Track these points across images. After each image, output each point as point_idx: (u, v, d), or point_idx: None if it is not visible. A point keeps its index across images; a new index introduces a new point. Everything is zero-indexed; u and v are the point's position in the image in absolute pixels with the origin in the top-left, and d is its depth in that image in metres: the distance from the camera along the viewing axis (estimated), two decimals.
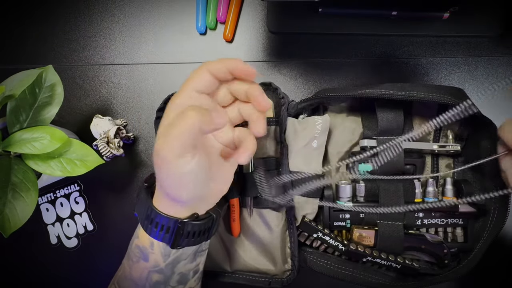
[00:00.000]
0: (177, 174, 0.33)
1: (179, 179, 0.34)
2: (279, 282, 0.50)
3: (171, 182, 0.34)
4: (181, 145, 0.32)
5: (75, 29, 0.59)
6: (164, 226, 0.36)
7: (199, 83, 0.37)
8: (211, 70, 0.37)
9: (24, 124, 0.47)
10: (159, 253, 0.37)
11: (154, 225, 0.36)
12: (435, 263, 0.48)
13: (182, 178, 0.33)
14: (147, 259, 0.38)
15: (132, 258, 0.39)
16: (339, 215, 0.48)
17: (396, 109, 0.46)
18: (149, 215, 0.37)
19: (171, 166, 0.33)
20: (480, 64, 0.53)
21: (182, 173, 0.33)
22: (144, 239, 0.38)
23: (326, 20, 0.54)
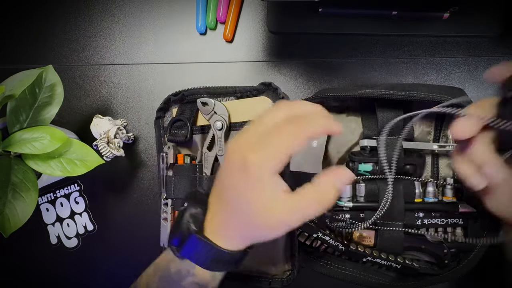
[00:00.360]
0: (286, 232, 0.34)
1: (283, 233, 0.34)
2: (279, 282, 0.50)
3: (272, 237, 0.34)
4: (310, 218, 0.32)
5: (75, 29, 0.59)
6: (232, 260, 0.37)
7: (297, 149, 0.33)
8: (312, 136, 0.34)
9: (24, 124, 0.47)
10: (218, 279, 0.39)
11: (222, 262, 0.37)
12: (435, 263, 0.48)
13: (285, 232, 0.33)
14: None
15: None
16: (339, 215, 0.48)
17: (396, 109, 0.46)
18: (217, 258, 0.36)
19: (290, 229, 0.33)
20: (480, 64, 0.53)
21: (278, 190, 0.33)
22: (206, 275, 0.37)
23: (326, 20, 0.54)
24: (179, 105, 0.54)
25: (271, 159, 0.32)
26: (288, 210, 0.32)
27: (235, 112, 0.52)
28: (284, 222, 0.33)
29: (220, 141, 0.51)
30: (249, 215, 0.33)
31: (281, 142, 0.32)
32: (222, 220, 0.36)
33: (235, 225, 0.35)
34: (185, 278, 0.38)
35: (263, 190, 0.32)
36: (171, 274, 0.39)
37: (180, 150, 0.55)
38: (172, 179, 0.52)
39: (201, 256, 0.36)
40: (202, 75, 0.57)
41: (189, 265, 0.37)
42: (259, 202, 0.32)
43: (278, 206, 0.32)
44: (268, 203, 0.32)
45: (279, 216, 0.33)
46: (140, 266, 0.43)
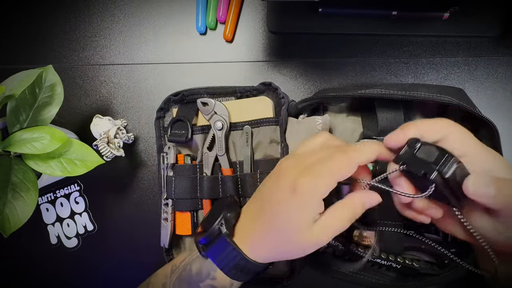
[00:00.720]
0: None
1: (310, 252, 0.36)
2: (280, 282, 0.50)
3: (298, 256, 0.36)
4: (338, 233, 0.35)
5: (75, 29, 0.59)
6: (254, 271, 0.38)
7: (345, 176, 0.35)
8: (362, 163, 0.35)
9: (24, 124, 0.47)
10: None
11: (245, 272, 0.37)
12: (435, 263, 0.48)
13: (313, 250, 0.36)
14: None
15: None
16: None
17: (396, 109, 0.46)
18: (242, 265, 0.37)
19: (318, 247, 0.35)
20: (480, 64, 0.53)
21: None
22: (225, 281, 0.38)
23: (326, 20, 0.54)
24: (179, 105, 0.54)
25: (321, 186, 0.34)
26: (322, 231, 0.34)
27: (235, 112, 0.52)
28: (317, 241, 0.35)
29: (221, 141, 0.51)
30: (286, 232, 0.35)
31: (330, 170, 0.34)
32: (256, 231, 0.37)
33: (268, 239, 0.36)
34: (205, 280, 0.39)
35: (307, 212, 0.34)
36: (192, 274, 0.39)
37: (180, 150, 0.55)
38: (172, 179, 0.52)
39: (225, 260, 0.37)
40: (202, 75, 0.57)
41: (210, 268, 0.38)
42: (299, 223, 0.34)
43: (315, 227, 0.34)
44: (307, 225, 0.34)
45: (314, 236, 0.34)
46: (140, 266, 0.43)
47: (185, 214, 0.52)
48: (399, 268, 0.47)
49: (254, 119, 0.51)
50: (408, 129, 0.34)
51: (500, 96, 0.53)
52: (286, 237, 0.35)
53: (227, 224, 0.38)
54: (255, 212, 0.38)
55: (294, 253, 0.36)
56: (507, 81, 0.53)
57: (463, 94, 0.46)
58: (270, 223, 0.36)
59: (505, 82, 0.53)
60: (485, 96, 0.53)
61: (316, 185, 0.34)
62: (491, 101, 0.53)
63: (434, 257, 0.47)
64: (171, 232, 0.53)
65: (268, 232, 0.36)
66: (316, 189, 0.34)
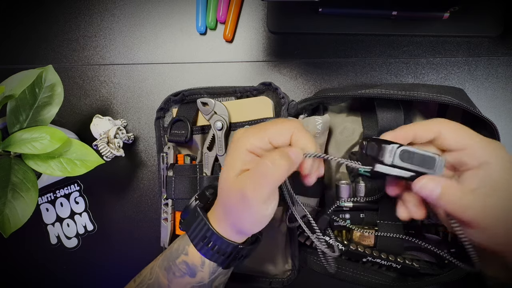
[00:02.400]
0: (260, 216, 0.36)
1: (259, 220, 0.36)
2: (280, 282, 0.50)
3: (250, 222, 0.36)
4: (271, 192, 0.34)
5: (75, 29, 0.59)
6: (222, 250, 0.38)
7: (277, 137, 0.36)
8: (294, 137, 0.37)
9: (24, 124, 0.47)
10: (207, 271, 0.39)
11: (211, 247, 0.38)
12: (435, 263, 0.48)
13: (262, 219, 0.36)
14: (194, 276, 0.39)
15: (175, 273, 0.39)
16: (339, 215, 0.48)
17: (396, 108, 0.46)
18: (208, 238, 0.38)
19: (257, 209, 0.35)
20: (480, 64, 0.53)
21: (265, 215, 0.36)
22: (196, 257, 0.38)
23: (326, 20, 0.54)
24: (179, 105, 0.54)
25: (250, 135, 0.36)
26: (243, 180, 0.35)
27: (235, 112, 0.52)
28: (240, 191, 0.35)
29: (220, 141, 0.51)
30: (226, 187, 0.36)
31: (265, 128, 0.36)
32: (216, 203, 0.39)
33: (219, 204, 0.38)
34: (180, 256, 0.39)
35: (233, 158, 0.36)
36: (172, 251, 0.40)
37: (180, 150, 0.55)
38: (172, 179, 0.52)
39: (195, 231, 0.38)
40: (202, 75, 0.57)
41: (186, 242, 0.39)
42: (228, 169, 0.36)
43: (238, 178, 0.35)
44: (233, 174, 0.36)
45: (236, 185, 0.35)
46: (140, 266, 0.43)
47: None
48: (399, 268, 0.47)
49: (254, 119, 0.51)
50: (399, 131, 0.37)
51: (500, 96, 0.53)
52: (227, 189, 0.36)
53: (202, 198, 0.41)
54: (220, 203, 0.39)
55: (241, 212, 0.35)
56: (507, 81, 0.53)
57: (463, 94, 0.46)
58: (229, 214, 0.37)
59: (505, 82, 0.53)
60: (485, 96, 0.53)
61: (245, 133, 0.36)
62: (491, 101, 0.53)
63: (434, 257, 0.47)
64: (171, 232, 0.53)
65: (219, 194, 0.38)
66: (244, 137, 0.36)
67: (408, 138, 0.37)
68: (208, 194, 0.42)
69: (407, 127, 0.37)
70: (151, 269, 0.41)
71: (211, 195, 0.42)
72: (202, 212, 0.39)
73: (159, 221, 0.54)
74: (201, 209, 0.39)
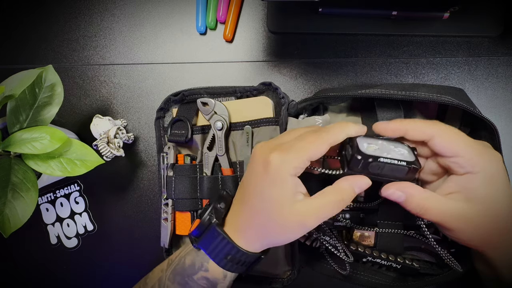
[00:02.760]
0: (301, 235, 0.37)
1: (298, 237, 0.37)
2: (280, 282, 0.50)
3: (289, 240, 0.37)
4: (327, 218, 0.36)
5: (75, 29, 0.59)
6: (246, 262, 0.38)
7: (318, 155, 0.36)
8: (332, 143, 0.37)
9: (24, 124, 0.47)
10: (228, 281, 0.39)
11: (235, 262, 0.38)
12: (435, 263, 0.48)
13: (301, 235, 0.37)
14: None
15: (193, 287, 0.39)
16: (339, 215, 0.48)
17: (397, 109, 0.46)
18: (232, 255, 0.37)
19: (305, 232, 0.36)
20: (480, 64, 0.53)
21: (304, 233, 0.36)
22: (217, 272, 0.39)
23: (326, 20, 0.54)
24: (179, 105, 0.54)
25: (291, 160, 0.34)
26: (306, 210, 0.34)
27: (235, 112, 0.52)
28: (301, 222, 0.35)
29: (221, 141, 0.51)
30: (267, 212, 0.35)
31: (301, 146, 0.35)
32: (242, 219, 0.38)
33: (253, 222, 0.37)
34: (198, 272, 0.39)
35: (282, 187, 0.34)
36: (185, 267, 0.40)
37: (180, 150, 0.55)
38: (172, 179, 0.52)
39: (216, 249, 0.38)
40: (202, 75, 0.57)
41: (203, 259, 0.39)
42: (277, 199, 0.35)
43: (297, 206, 0.34)
44: (287, 201, 0.34)
45: (296, 215, 0.34)
46: (140, 266, 0.43)
47: (185, 214, 0.52)
48: (399, 268, 0.47)
49: (254, 119, 0.51)
50: (393, 123, 0.37)
51: (500, 96, 0.53)
52: (268, 215, 0.35)
53: (216, 214, 0.39)
54: (240, 199, 0.39)
55: (281, 235, 0.36)
56: (507, 81, 0.53)
57: (463, 94, 0.46)
58: (251, 205, 0.37)
59: (505, 82, 0.53)
60: (485, 96, 0.53)
61: (285, 159, 0.34)
62: (491, 101, 0.53)
63: (434, 257, 0.47)
64: (171, 232, 0.53)
65: (251, 215, 0.37)
66: (286, 163, 0.34)
67: (399, 133, 0.38)
68: (221, 209, 0.40)
69: (401, 123, 0.38)
70: (159, 280, 0.41)
71: (224, 209, 0.40)
72: (223, 231, 0.38)
73: (159, 221, 0.54)
74: (220, 227, 0.38)
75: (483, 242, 0.36)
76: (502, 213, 0.34)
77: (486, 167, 0.34)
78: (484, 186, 0.34)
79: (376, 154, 0.35)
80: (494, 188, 0.34)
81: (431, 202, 0.35)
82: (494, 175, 0.34)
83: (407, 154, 0.36)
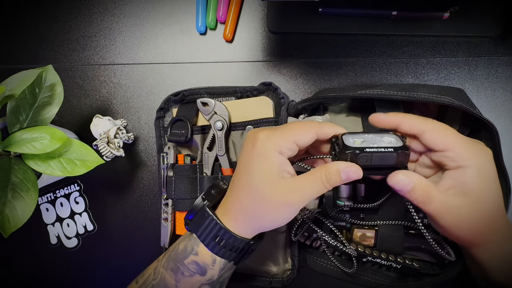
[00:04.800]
0: (290, 218, 0.37)
1: (287, 221, 0.37)
2: (280, 281, 0.50)
3: (278, 224, 0.37)
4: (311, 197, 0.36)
5: (75, 29, 0.59)
6: (235, 247, 0.38)
7: (302, 138, 0.37)
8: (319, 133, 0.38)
9: (24, 124, 0.47)
10: (217, 268, 0.39)
11: (224, 246, 0.38)
12: (435, 263, 0.48)
13: (290, 220, 0.37)
14: (204, 274, 0.39)
15: (184, 272, 0.39)
16: (339, 215, 0.48)
17: (396, 109, 0.46)
18: (220, 237, 0.38)
19: (292, 214, 0.36)
20: (480, 64, 0.53)
21: (293, 217, 0.37)
22: (206, 256, 0.39)
23: (326, 20, 0.54)
24: (179, 105, 0.54)
25: (276, 137, 0.36)
26: (290, 187, 0.35)
27: (235, 112, 0.52)
28: (285, 199, 0.35)
29: (221, 141, 0.51)
30: (254, 190, 0.36)
31: (289, 128, 0.37)
32: (231, 200, 0.39)
33: (241, 205, 0.37)
34: (188, 256, 0.39)
35: (267, 162, 0.36)
36: (178, 252, 0.40)
37: (180, 150, 0.55)
38: (172, 179, 0.52)
39: (206, 231, 0.38)
40: (202, 75, 0.57)
41: (194, 243, 0.39)
42: (263, 174, 0.36)
43: (282, 182, 0.35)
44: (273, 177, 0.35)
45: (281, 192, 0.35)
46: (140, 266, 0.43)
47: (185, 214, 0.52)
48: (399, 268, 0.47)
49: (254, 119, 0.51)
50: (389, 115, 0.38)
51: (500, 96, 0.53)
52: (255, 193, 0.36)
53: (208, 197, 0.41)
54: (232, 182, 0.40)
55: (268, 215, 0.36)
56: (507, 81, 0.53)
57: (463, 94, 0.46)
58: (240, 184, 0.37)
59: (505, 82, 0.53)
60: (485, 96, 0.53)
61: (271, 135, 0.36)
62: (491, 101, 0.53)
63: (434, 257, 0.47)
64: (171, 232, 0.53)
65: (240, 195, 0.37)
66: (271, 138, 0.36)
67: (393, 125, 0.39)
68: (214, 193, 0.42)
69: (395, 115, 0.39)
70: (155, 269, 0.41)
71: (217, 195, 0.42)
72: (212, 212, 0.39)
73: (159, 221, 0.54)
74: (210, 208, 0.39)
75: (473, 237, 0.36)
76: (491, 207, 0.36)
77: (475, 161, 0.35)
78: (474, 179, 0.35)
79: (362, 146, 0.36)
80: (484, 182, 0.35)
81: (435, 191, 0.35)
82: (484, 169, 0.35)
83: (395, 141, 0.37)
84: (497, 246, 0.37)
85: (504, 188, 0.40)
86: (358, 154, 0.35)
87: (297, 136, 0.36)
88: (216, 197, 0.42)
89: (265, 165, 0.36)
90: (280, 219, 0.37)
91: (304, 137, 0.37)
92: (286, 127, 0.37)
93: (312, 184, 0.35)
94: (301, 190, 0.35)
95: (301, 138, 0.37)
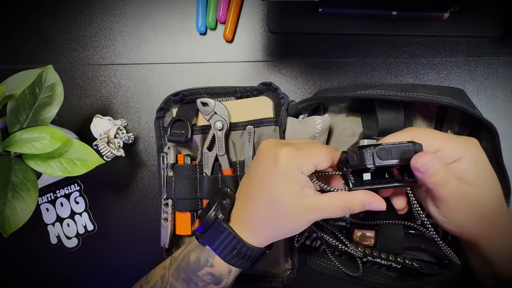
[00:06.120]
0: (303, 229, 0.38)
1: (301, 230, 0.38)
2: (280, 281, 0.50)
3: (294, 233, 0.39)
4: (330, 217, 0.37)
5: (75, 29, 0.59)
6: (251, 257, 0.39)
7: (323, 164, 0.38)
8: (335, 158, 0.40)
9: (24, 124, 0.47)
10: (232, 277, 0.40)
11: (241, 257, 0.38)
12: (435, 263, 0.48)
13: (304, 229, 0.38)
14: (219, 283, 0.40)
15: (198, 283, 0.40)
16: None
17: (397, 109, 0.46)
18: (237, 249, 0.38)
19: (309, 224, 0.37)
20: (480, 64, 0.53)
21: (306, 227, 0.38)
22: (222, 267, 0.39)
23: (326, 20, 0.54)
24: (179, 105, 0.54)
25: (300, 157, 0.36)
26: (314, 205, 0.36)
27: (235, 112, 0.52)
28: (309, 217, 0.36)
29: (221, 141, 0.51)
30: (276, 204, 0.36)
31: (311, 149, 0.38)
32: (248, 213, 0.39)
33: (261, 217, 0.38)
34: (203, 268, 0.39)
35: (292, 180, 0.36)
36: (190, 264, 0.40)
37: (180, 150, 0.55)
38: (172, 180, 0.52)
39: (222, 245, 0.38)
40: (202, 75, 0.57)
41: (208, 255, 0.39)
42: (287, 191, 0.36)
43: (306, 199, 0.36)
44: (297, 193, 0.36)
45: (304, 209, 0.36)
46: (140, 266, 0.43)
47: (185, 214, 0.52)
48: (399, 268, 0.47)
49: (254, 119, 0.51)
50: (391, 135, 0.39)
51: (500, 96, 0.53)
52: (277, 207, 0.36)
53: (222, 209, 0.40)
54: (245, 194, 0.40)
55: (287, 227, 0.37)
56: (507, 81, 0.53)
57: (463, 94, 0.46)
58: (259, 198, 0.37)
59: (505, 82, 0.53)
60: (485, 96, 0.53)
61: (296, 155, 0.37)
62: (491, 101, 0.53)
63: (434, 257, 0.47)
64: (171, 232, 0.53)
65: (259, 209, 0.37)
66: (296, 158, 0.36)
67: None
68: (227, 204, 0.41)
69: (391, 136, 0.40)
70: (162, 277, 0.41)
71: (229, 205, 0.41)
72: (229, 226, 0.38)
73: (159, 221, 0.54)
74: (226, 222, 0.39)
75: (479, 227, 0.37)
76: (493, 195, 0.37)
77: (469, 150, 0.37)
78: (473, 167, 0.37)
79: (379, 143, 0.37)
80: (482, 169, 0.37)
81: (451, 176, 0.36)
82: (478, 157, 0.37)
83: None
84: (502, 238, 0.37)
85: (504, 188, 0.40)
86: (379, 149, 0.36)
87: (318, 161, 0.37)
88: (229, 207, 0.41)
89: (289, 184, 0.36)
90: (297, 231, 0.38)
91: (324, 163, 0.38)
92: (309, 149, 0.38)
93: (333, 210, 0.36)
94: (322, 211, 0.36)
95: (321, 163, 0.38)
